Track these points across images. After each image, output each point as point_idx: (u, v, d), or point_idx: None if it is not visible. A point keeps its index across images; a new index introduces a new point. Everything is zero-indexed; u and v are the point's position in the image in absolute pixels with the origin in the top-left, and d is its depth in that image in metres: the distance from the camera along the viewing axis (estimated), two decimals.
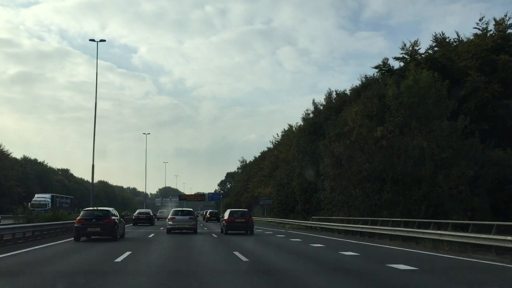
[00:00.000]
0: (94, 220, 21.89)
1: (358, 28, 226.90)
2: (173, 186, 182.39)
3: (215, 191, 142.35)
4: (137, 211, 48.28)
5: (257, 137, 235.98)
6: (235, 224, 28.70)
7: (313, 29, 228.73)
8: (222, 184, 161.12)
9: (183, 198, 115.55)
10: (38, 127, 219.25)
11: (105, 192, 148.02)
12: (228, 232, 28.50)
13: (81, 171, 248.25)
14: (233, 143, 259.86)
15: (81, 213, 22.91)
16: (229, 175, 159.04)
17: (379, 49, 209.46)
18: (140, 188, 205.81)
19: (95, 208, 24.38)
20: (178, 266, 13.46)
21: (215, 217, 60.45)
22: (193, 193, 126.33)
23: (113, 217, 22.74)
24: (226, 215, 29.78)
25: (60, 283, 10.07)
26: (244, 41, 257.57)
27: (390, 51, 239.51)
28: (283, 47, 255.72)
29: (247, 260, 14.32)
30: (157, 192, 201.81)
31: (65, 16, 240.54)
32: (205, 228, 38.53)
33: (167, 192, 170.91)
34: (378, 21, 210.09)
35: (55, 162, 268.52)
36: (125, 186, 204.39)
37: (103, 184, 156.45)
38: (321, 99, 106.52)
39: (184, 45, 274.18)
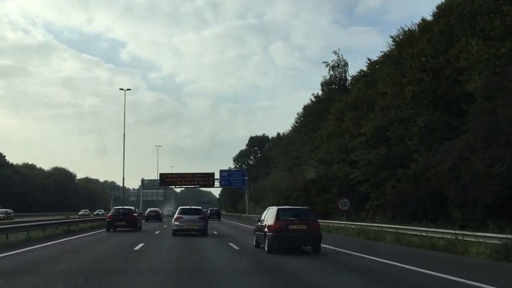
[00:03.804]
0: (121, 216, 30.17)
1: (352, 23, 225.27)
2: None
3: (229, 169, 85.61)
4: (148, 210, 58.08)
5: (250, 134, 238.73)
6: (289, 234, 16.43)
7: (307, 23, 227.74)
8: (241, 157, 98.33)
9: (168, 181, 71.01)
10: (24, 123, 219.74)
11: (57, 182, 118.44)
12: (275, 247, 16.64)
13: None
14: (226, 140, 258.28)
15: (111, 211, 31.05)
16: (254, 141, 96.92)
17: (373, 45, 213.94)
18: (120, 182, 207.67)
19: (121, 207, 32.63)
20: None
21: (216, 215, 61.39)
22: (187, 172, 72.89)
23: (135, 214, 31.15)
24: (270, 217, 17.30)
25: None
26: (237, 36, 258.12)
27: (384, 47, 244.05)
28: (276, 42, 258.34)
29: None
30: (140, 186, 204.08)
31: (51, 8, 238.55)
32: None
33: (149, 185, 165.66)
34: (373, 16, 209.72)
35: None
36: (101, 180, 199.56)
37: (57, 171, 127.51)
38: None
39: (175, 40, 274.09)
